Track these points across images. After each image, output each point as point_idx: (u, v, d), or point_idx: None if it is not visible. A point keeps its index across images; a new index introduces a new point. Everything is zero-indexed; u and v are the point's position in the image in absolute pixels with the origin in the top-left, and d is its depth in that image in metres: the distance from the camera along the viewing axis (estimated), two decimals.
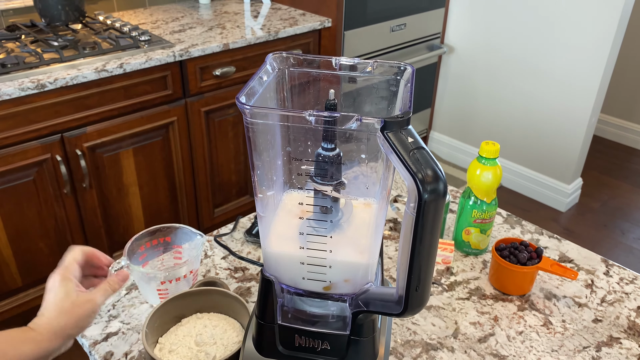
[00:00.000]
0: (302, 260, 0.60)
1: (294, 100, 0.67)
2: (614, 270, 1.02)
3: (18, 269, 1.78)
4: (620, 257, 2.45)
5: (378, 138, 0.51)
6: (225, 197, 2.28)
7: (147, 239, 0.92)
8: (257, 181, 0.59)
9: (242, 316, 0.79)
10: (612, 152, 3.37)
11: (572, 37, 2.43)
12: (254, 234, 1.04)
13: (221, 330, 0.78)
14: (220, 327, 0.79)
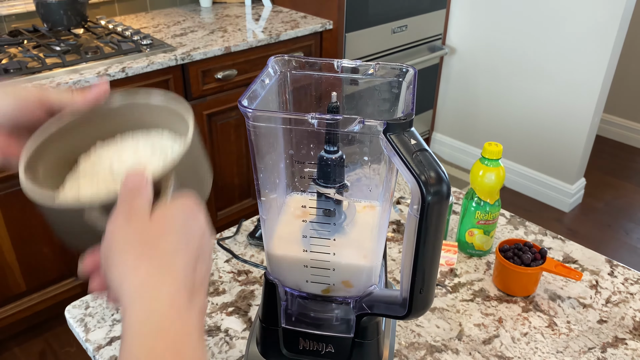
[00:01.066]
0: (306, 263, 0.60)
1: (296, 103, 0.67)
2: (618, 270, 1.01)
3: (22, 273, 1.78)
4: (625, 257, 2.44)
5: (381, 140, 0.51)
6: (228, 200, 2.28)
7: None
8: (260, 184, 0.58)
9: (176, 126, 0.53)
10: (615, 152, 3.37)
11: (574, 37, 2.42)
12: (257, 237, 1.04)
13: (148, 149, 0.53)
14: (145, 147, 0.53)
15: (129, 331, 0.34)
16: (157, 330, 0.33)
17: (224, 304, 0.90)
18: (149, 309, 0.34)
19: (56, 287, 1.89)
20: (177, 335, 0.34)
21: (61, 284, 1.89)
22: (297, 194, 0.65)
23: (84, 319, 0.88)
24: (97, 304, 0.90)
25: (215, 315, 0.87)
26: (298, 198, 0.64)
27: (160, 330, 0.33)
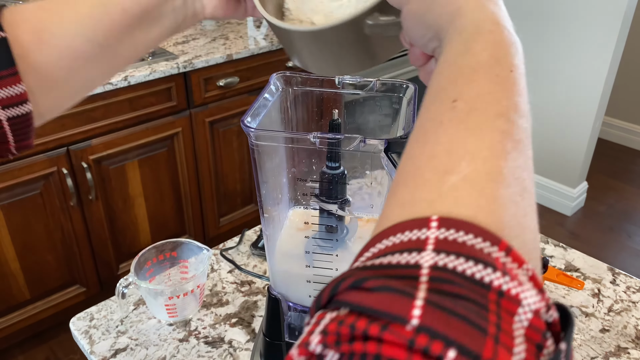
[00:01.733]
0: (309, 279, 0.61)
1: (298, 119, 0.67)
2: (620, 278, 1.02)
3: (26, 281, 1.79)
4: (627, 261, 2.45)
5: (382, 159, 0.51)
6: (231, 207, 2.28)
7: (154, 254, 0.92)
8: (263, 200, 0.59)
9: None
10: (617, 154, 3.37)
11: (575, 40, 2.43)
12: (259, 247, 1.04)
13: None
14: None
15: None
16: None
17: (227, 315, 0.90)
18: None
19: (60, 295, 1.89)
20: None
21: (65, 292, 1.90)
22: (299, 209, 0.65)
23: (88, 330, 0.88)
24: (101, 316, 0.91)
25: (219, 327, 0.88)
26: (300, 213, 0.65)
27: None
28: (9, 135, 0.46)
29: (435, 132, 0.29)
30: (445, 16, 0.36)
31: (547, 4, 2.46)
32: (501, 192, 0.27)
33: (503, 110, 0.29)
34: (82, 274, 1.91)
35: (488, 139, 0.28)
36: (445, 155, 0.28)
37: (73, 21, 0.46)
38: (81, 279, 1.92)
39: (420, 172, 0.28)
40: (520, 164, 0.29)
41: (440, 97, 0.31)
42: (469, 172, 0.27)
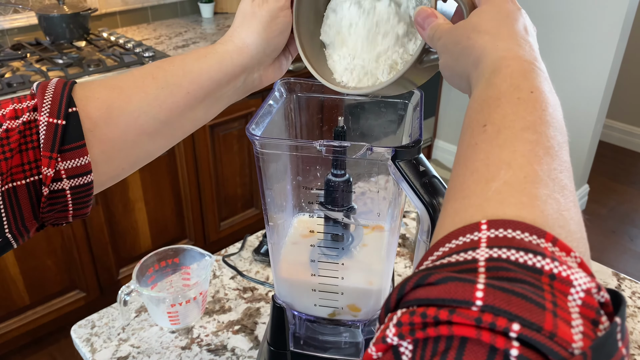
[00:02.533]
0: (314, 287, 0.60)
1: (302, 125, 0.67)
2: (625, 284, 1.01)
3: (25, 287, 1.78)
4: (630, 264, 2.44)
5: (389, 167, 0.51)
6: (231, 211, 2.28)
7: (156, 261, 0.92)
8: (268, 209, 0.58)
9: None
10: (618, 157, 3.36)
11: (575, 43, 2.42)
12: (262, 253, 1.03)
13: None
14: None
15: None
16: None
17: (230, 322, 0.89)
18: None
19: (60, 300, 1.88)
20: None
21: (65, 297, 1.89)
22: (304, 218, 0.65)
23: (90, 338, 0.87)
24: (102, 323, 0.90)
25: (222, 334, 0.87)
26: (306, 221, 0.64)
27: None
28: (69, 204, 0.48)
29: (473, 153, 0.34)
30: (470, 65, 0.42)
31: (549, 9, 2.45)
32: (541, 191, 0.29)
33: (528, 125, 0.33)
34: (82, 279, 1.90)
35: (520, 149, 0.32)
36: (485, 167, 0.32)
37: (140, 100, 0.50)
38: (81, 284, 1.91)
39: (465, 186, 0.32)
40: (555, 166, 0.32)
41: (472, 125, 0.36)
42: (508, 177, 0.30)
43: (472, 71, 0.41)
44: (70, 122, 0.46)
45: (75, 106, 0.47)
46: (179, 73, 0.52)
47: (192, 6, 2.51)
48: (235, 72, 0.53)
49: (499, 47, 0.40)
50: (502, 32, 0.41)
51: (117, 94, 0.50)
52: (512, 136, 0.33)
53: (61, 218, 0.50)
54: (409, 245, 1.08)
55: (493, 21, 0.42)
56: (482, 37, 0.41)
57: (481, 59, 0.40)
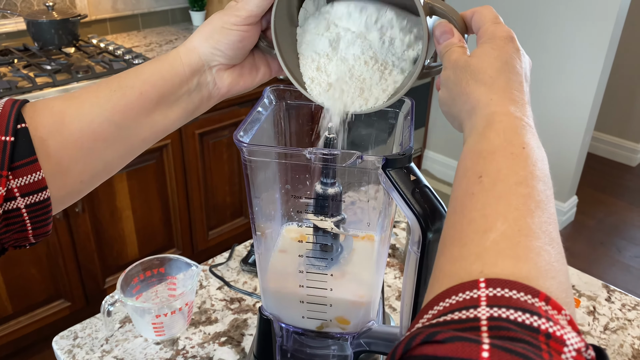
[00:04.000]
0: (302, 299, 0.59)
1: (291, 132, 0.66)
2: (615, 296, 1.01)
3: (9, 295, 1.75)
4: (618, 276, 2.44)
5: (380, 176, 0.50)
6: (220, 219, 2.26)
7: (141, 270, 0.90)
8: (256, 218, 0.57)
9: None
10: (606, 169, 3.39)
11: (564, 56, 2.44)
12: (250, 263, 1.02)
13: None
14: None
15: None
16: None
17: (216, 333, 0.88)
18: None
19: (44, 309, 1.85)
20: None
21: (49, 307, 1.86)
22: (293, 228, 0.63)
23: (72, 350, 0.85)
24: (85, 334, 0.88)
25: (208, 346, 0.85)
26: (294, 231, 0.63)
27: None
28: (27, 224, 0.47)
29: (470, 202, 0.36)
30: (464, 113, 0.44)
31: (538, 20, 2.48)
32: (533, 243, 0.32)
33: (521, 179, 0.36)
34: (67, 288, 1.87)
35: (514, 202, 0.35)
36: (482, 218, 0.34)
37: (92, 104, 0.49)
38: (66, 293, 1.88)
39: (464, 234, 0.34)
40: (544, 219, 0.34)
41: (468, 175, 0.38)
42: (504, 229, 0.33)
43: (465, 119, 0.44)
44: (19, 138, 0.45)
45: (24, 122, 0.46)
46: (132, 75, 0.52)
47: (183, 14, 2.51)
48: (186, 72, 0.53)
49: (493, 101, 0.42)
50: (498, 83, 0.43)
51: (69, 102, 0.49)
52: (507, 189, 0.35)
53: (21, 239, 0.49)
54: (398, 256, 1.07)
55: (491, 69, 0.44)
56: (479, 88, 0.43)
57: (475, 111, 0.43)
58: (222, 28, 0.52)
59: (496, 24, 0.47)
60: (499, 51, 0.45)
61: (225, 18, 0.52)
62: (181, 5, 2.48)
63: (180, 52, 0.54)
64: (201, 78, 0.54)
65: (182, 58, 0.53)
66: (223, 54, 0.53)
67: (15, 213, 0.46)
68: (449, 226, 0.37)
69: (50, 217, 0.49)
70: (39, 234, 0.49)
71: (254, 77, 0.57)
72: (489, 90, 0.43)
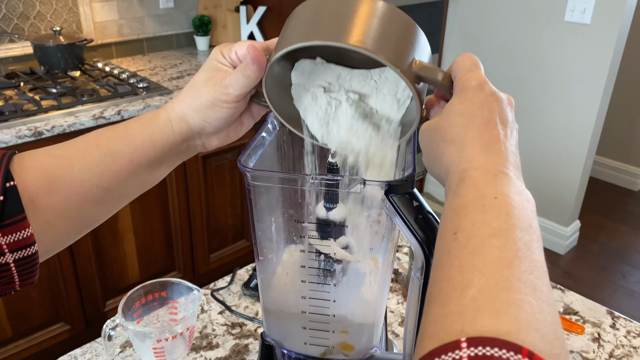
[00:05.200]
0: (305, 325, 0.58)
1: (294, 156, 0.66)
2: (620, 322, 1.00)
3: (8, 318, 1.73)
4: (623, 302, 2.42)
5: (382, 201, 0.50)
6: (222, 242, 2.25)
7: (142, 294, 0.89)
8: (259, 243, 0.57)
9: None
10: (608, 193, 3.38)
11: (565, 82, 2.46)
12: (251, 287, 1.01)
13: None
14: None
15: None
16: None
17: (217, 359, 0.87)
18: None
19: (43, 332, 1.83)
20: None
21: (49, 330, 1.84)
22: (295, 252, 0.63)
23: None
24: (86, 359, 0.87)
25: None
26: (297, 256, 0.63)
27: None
28: (15, 276, 0.48)
29: (447, 259, 0.36)
30: (443, 174, 0.45)
31: (539, 46, 2.50)
32: (513, 296, 0.32)
33: (494, 231, 0.36)
34: (67, 311, 1.86)
35: (489, 255, 0.34)
36: (459, 275, 0.34)
37: (82, 168, 0.50)
38: (66, 316, 1.87)
39: (443, 293, 0.34)
40: (524, 269, 0.34)
41: (444, 232, 0.39)
42: (481, 284, 0.33)
43: (444, 179, 0.45)
44: (8, 196, 0.45)
45: (13, 180, 0.46)
46: (123, 141, 0.52)
47: (187, 39, 2.54)
48: (177, 140, 0.54)
49: (464, 157, 0.42)
50: (467, 139, 0.43)
51: (58, 162, 0.50)
52: (481, 243, 0.35)
53: (8, 288, 0.50)
54: (401, 281, 1.07)
55: (458, 126, 0.43)
56: (449, 149, 0.43)
57: (449, 171, 0.43)
58: (213, 105, 0.53)
59: (469, 72, 0.45)
60: (466, 104, 0.44)
61: (215, 95, 0.52)
62: (186, 30, 2.52)
63: (171, 118, 0.54)
64: (190, 142, 0.56)
65: (173, 126, 0.54)
66: (213, 126, 0.54)
67: (4, 268, 0.47)
68: (431, 285, 0.37)
69: (37, 268, 0.50)
70: (25, 284, 0.50)
71: (240, 131, 0.58)
72: (458, 148, 0.43)
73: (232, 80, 0.51)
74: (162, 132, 0.53)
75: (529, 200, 0.40)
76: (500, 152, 0.42)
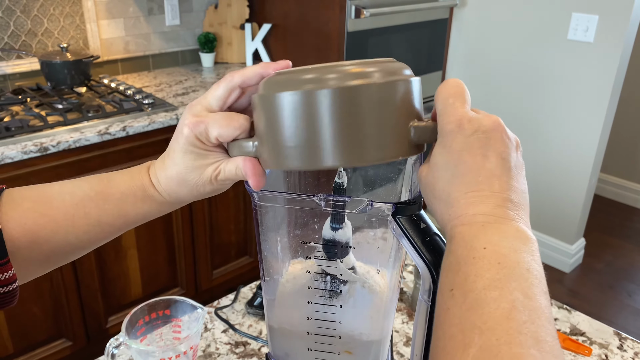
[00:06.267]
0: (310, 347, 0.58)
1: (302, 177, 0.66)
2: (627, 344, 0.98)
3: (10, 334, 1.73)
4: (629, 321, 2.40)
5: (389, 222, 0.50)
6: (224, 258, 2.24)
7: (146, 312, 0.89)
8: (265, 264, 0.57)
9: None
10: (612, 211, 3.37)
11: (569, 99, 2.47)
12: (255, 306, 1.01)
13: None
14: None
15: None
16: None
17: None
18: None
19: (45, 348, 1.82)
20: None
21: (50, 346, 1.83)
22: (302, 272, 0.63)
23: None
24: None
25: None
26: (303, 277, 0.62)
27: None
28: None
29: (447, 317, 0.37)
30: (440, 223, 0.45)
31: (543, 62, 2.51)
32: (514, 350, 0.31)
33: (488, 283, 0.36)
34: (69, 327, 1.85)
35: (486, 310, 0.34)
36: (460, 333, 0.34)
37: (67, 234, 0.51)
38: (67, 332, 1.86)
39: (447, 351, 0.34)
40: (524, 319, 0.33)
41: (442, 290, 0.39)
42: (482, 342, 0.32)
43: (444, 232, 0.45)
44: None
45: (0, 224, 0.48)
46: (114, 214, 0.52)
47: (193, 55, 2.56)
48: (166, 212, 0.56)
49: (452, 215, 0.42)
50: (452, 195, 0.41)
51: (44, 222, 0.50)
52: (477, 298, 0.35)
53: None
54: (406, 300, 1.06)
55: (443, 180, 0.42)
56: (439, 205, 0.43)
57: (443, 227, 0.44)
58: (204, 184, 0.52)
59: (446, 109, 0.42)
60: (446, 155, 0.41)
61: (213, 188, 0.52)
62: (191, 47, 2.54)
63: (166, 202, 0.54)
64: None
65: (167, 208, 0.55)
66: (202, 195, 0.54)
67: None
68: (434, 342, 0.37)
69: (17, 296, 0.52)
70: (5, 308, 0.53)
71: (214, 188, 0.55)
72: (446, 205, 0.42)
73: (228, 175, 0.50)
74: (158, 211, 0.55)
75: (526, 241, 0.39)
76: (490, 196, 0.40)
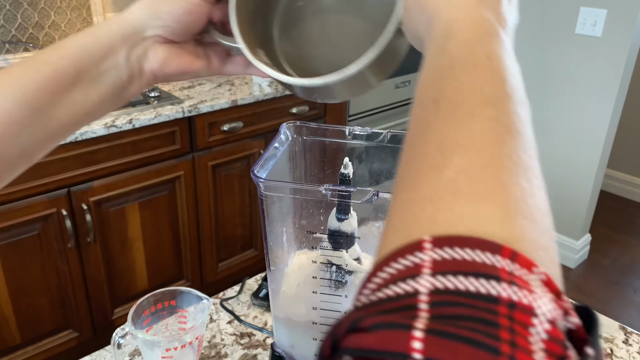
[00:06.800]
0: (315, 336, 0.58)
1: (306, 167, 0.66)
2: (633, 338, 0.98)
3: (17, 325, 1.74)
4: (634, 317, 2.39)
5: None
6: (230, 252, 2.25)
7: (152, 302, 0.89)
8: (271, 254, 0.57)
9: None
10: (619, 207, 3.35)
11: (576, 94, 2.46)
12: (261, 297, 1.01)
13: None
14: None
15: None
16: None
17: None
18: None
19: (52, 339, 1.84)
20: None
21: (57, 337, 1.85)
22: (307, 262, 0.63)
23: None
24: None
25: None
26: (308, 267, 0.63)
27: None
28: None
29: (424, 133, 0.29)
30: (423, 28, 0.36)
31: (550, 57, 2.50)
32: (499, 176, 0.26)
33: (486, 99, 0.29)
34: (75, 319, 1.86)
35: (477, 128, 0.28)
36: (438, 152, 0.27)
37: (3, 86, 0.45)
38: (74, 323, 1.87)
39: (415, 172, 0.27)
40: (516, 146, 0.28)
41: (423, 100, 0.31)
42: (463, 163, 0.26)
43: (424, 36, 0.36)
44: None
45: None
46: (49, 50, 0.46)
47: None
48: (113, 42, 0.47)
49: (454, 4, 0.34)
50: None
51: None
52: (469, 113, 0.28)
53: None
54: None
55: None
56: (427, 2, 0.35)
57: (433, 21, 0.35)
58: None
59: None
60: None
61: None
62: None
63: (111, 19, 0.48)
64: (132, 50, 0.48)
65: (111, 26, 0.47)
66: (163, 23, 0.47)
67: None
68: (401, 165, 0.29)
69: None
70: None
71: (190, 64, 0.51)
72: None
73: None
74: (97, 35, 0.47)
75: (518, 71, 0.32)
76: (500, 6, 0.34)
